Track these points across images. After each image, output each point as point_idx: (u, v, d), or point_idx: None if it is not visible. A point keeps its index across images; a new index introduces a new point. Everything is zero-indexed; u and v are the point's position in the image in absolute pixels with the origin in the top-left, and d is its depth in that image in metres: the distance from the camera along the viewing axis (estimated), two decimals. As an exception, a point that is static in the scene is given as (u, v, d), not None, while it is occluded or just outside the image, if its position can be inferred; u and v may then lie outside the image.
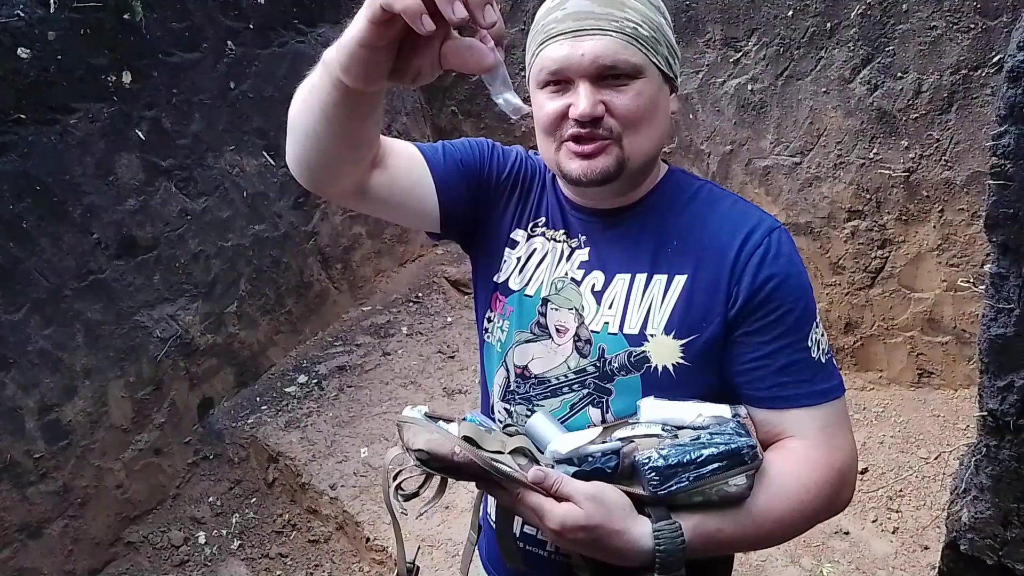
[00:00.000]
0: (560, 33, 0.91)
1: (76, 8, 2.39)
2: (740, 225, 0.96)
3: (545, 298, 1.04)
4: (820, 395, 0.94)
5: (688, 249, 0.97)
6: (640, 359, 0.97)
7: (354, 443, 2.96)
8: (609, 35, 0.90)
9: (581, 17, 0.90)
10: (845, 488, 0.95)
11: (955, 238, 2.79)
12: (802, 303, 0.94)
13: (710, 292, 0.95)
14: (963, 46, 2.57)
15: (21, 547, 2.39)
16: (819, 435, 0.93)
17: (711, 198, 1.02)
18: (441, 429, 0.89)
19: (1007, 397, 0.93)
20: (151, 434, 2.80)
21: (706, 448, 0.84)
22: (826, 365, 0.95)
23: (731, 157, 3.20)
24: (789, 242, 0.97)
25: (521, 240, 1.09)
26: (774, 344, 0.93)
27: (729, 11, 3.01)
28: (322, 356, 3.46)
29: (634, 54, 0.91)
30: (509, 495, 0.86)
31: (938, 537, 2.38)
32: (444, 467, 0.88)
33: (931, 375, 3.02)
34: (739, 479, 0.85)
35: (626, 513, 0.84)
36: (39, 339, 2.40)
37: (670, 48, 0.96)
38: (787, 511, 0.90)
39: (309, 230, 3.47)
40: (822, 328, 0.97)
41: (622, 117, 0.92)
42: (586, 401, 1.00)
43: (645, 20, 0.92)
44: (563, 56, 0.91)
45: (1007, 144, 0.87)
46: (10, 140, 2.27)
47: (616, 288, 1.00)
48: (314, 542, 2.79)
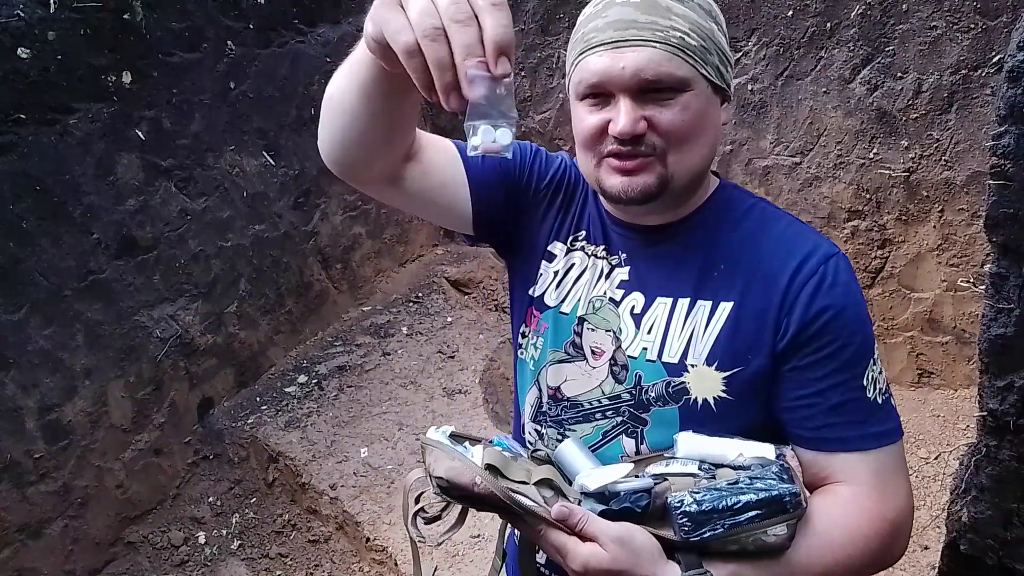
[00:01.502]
0: (600, 44, 0.84)
1: (76, 8, 2.39)
2: (794, 250, 0.89)
3: (582, 317, 0.98)
4: (873, 439, 0.86)
5: (736, 274, 0.90)
6: (679, 390, 0.90)
7: (354, 443, 2.96)
8: (653, 46, 0.83)
9: (623, 26, 0.83)
10: (898, 541, 0.88)
11: (955, 238, 2.79)
12: (859, 337, 0.86)
13: (758, 322, 0.88)
14: (963, 46, 2.57)
15: (21, 547, 2.39)
16: (871, 482, 0.86)
17: (764, 218, 0.94)
18: (463, 456, 0.84)
19: (1007, 397, 0.93)
20: (151, 434, 2.80)
21: (744, 494, 0.78)
22: (883, 406, 0.88)
23: (731, 157, 3.20)
24: (848, 270, 0.89)
25: (559, 253, 1.03)
26: (826, 381, 0.86)
27: (729, 11, 3.01)
28: (322, 356, 3.46)
29: (680, 66, 0.84)
30: (532, 530, 0.82)
31: (938, 537, 2.38)
32: (464, 497, 0.84)
33: (931, 375, 3.02)
34: (779, 528, 0.78)
35: (654, 558, 0.78)
36: (39, 339, 2.40)
37: (722, 56, 0.88)
38: (831, 565, 0.83)
39: (309, 230, 3.48)
40: (880, 365, 0.90)
41: (666, 134, 0.85)
42: (620, 430, 0.95)
43: (694, 28, 0.84)
44: (603, 69, 0.84)
45: (1007, 144, 0.87)
46: (10, 140, 2.27)
47: (657, 312, 0.94)
48: (314, 542, 2.79)
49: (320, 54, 3.39)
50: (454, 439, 0.89)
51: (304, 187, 3.39)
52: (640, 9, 0.84)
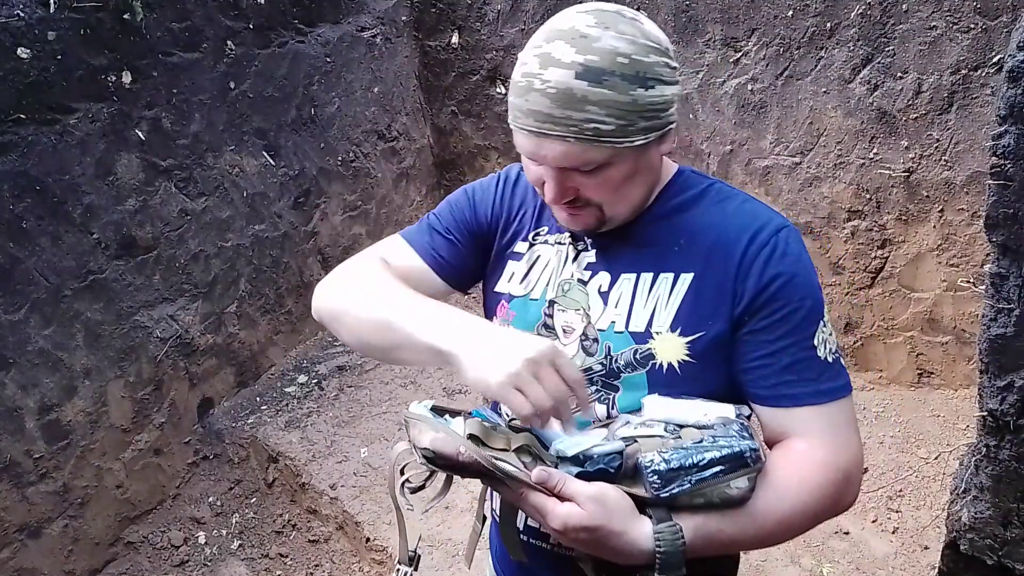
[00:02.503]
0: (524, 127, 0.91)
1: (76, 8, 2.39)
2: (748, 224, 0.96)
3: (551, 300, 1.06)
4: (825, 394, 0.94)
5: (695, 248, 0.98)
6: (646, 356, 0.97)
7: (354, 443, 2.96)
8: (568, 141, 0.88)
9: (541, 119, 0.88)
10: (850, 488, 0.95)
11: (955, 238, 2.79)
12: (809, 302, 0.94)
13: (716, 290, 0.95)
14: (963, 46, 2.57)
15: (21, 547, 2.39)
16: (824, 435, 0.93)
17: (720, 197, 1.02)
18: (447, 427, 0.90)
19: (1007, 397, 0.93)
20: (151, 434, 2.80)
21: (708, 451, 0.84)
22: (833, 364, 0.95)
23: (731, 157, 3.20)
24: (797, 241, 0.97)
25: (524, 250, 1.11)
26: (779, 343, 0.93)
27: (729, 11, 3.01)
28: (322, 356, 3.46)
29: (597, 152, 0.89)
30: (513, 493, 0.88)
31: (938, 537, 2.38)
32: (449, 465, 0.89)
33: (931, 375, 3.02)
34: (741, 482, 0.85)
35: (627, 514, 0.85)
36: (39, 339, 2.40)
37: (653, 112, 0.89)
38: (789, 512, 0.90)
39: (309, 230, 3.48)
40: (831, 327, 0.97)
41: (594, 197, 0.94)
42: (592, 399, 1.01)
43: (611, 112, 0.86)
44: (530, 150, 0.92)
45: (1007, 144, 0.87)
46: (10, 140, 2.27)
47: (622, 287, 1.01)
48: (314, 542, 2.79)
49: (320, 54, 3.39)
50: (435, 412, 0.94)
51: (304, 187, 3.39)
52: (555, 102, 0.86)
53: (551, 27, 0.90)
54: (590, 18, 0.88)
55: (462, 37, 3.82)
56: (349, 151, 3.63)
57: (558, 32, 0.88)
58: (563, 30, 0.88)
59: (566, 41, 0.87)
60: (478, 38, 3.76)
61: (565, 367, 0.87)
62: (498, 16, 3.66)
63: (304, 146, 3.37)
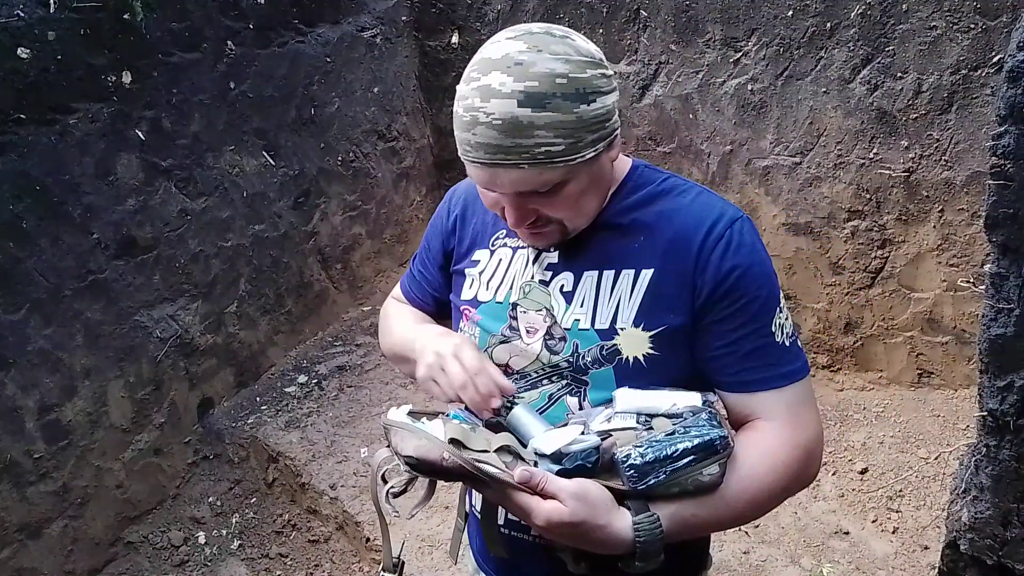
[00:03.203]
0: (476, 160, 0.93)
1: (76, 8, 2.39)
2: (703, 217, 0.99)
3: (514, 303, 1.08)
4: (785, 377, 0.98)
5: (654, 244, 1.00)
6: (612, 352, 1.00)
7: (354, 443, 2.96)
8: (522, 168, 0.90)
9: (491, 151, 0.90)
10: (812, 463, 1.00)
11: (955, 238, 2.79)
12: (765, 291, 0.98)
13: (676, 284, 0.98)
14: (963, 46, 2.57)
15: (21, 547, 2.39)
16: (785, 415, 0.98)
17: (675, 192, 1.04)
18: (428, 434, 0.92)
19: (1007, 397, 0.93)
20: (151, 434, 2.80)
21: (681, 442, 0.88)
22: (790, 348, 0.99)
23: (731, 157, 3.20)
24: (752, 231, 1.00)
25: (483, 258, 1.14)
26: (739, 332, 0.97)
27: (729, 11, 3.01)
28: (322, 356, 3.46)
29: (551, 173, 0.91)
30: (496, 494, 0.91)
31: (938, 537, 2.38)
32: (433, 471, 0.92)
33: (931, 375, 3.02)
34: (712, 468, 0.89)
35: (608, 508, 0.88)
36: (39, 339, 2.40)
37: (599, 123, 0.91)
38: (758, 492, 0.95)
39: (309, 230, 3.48)
40: (786, 312, 1.01)
41: (555, 215, 0.97)
42: (564, 391, 1.04)
43: (559, 132, 0.88)
44: (484, 180, 0.95)
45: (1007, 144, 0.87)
46: (10, 140, 2.27)
47: (585, 286, 1.03)
48: (314, 542, 2.79)
49: (320, 54, 3.39)
50: (413, 416, 0.96)
51: (304, 187, 3.39)
52: (503, 132, 0.88)
53: (483, 58, 0.92)
54: (521, 44, 0.89)
55: (462, 37, 3.82)
56: (349, 151, 3.63)
57: (492, 63, 0.89)
58: (496, 59, 0.89)
59: (502, 71, 0.88)
60: (478, 38, 3.76)
61: (466, 358, 0.98)
62: (498, 16, 3.66)
63: (304, 146, 3.37)
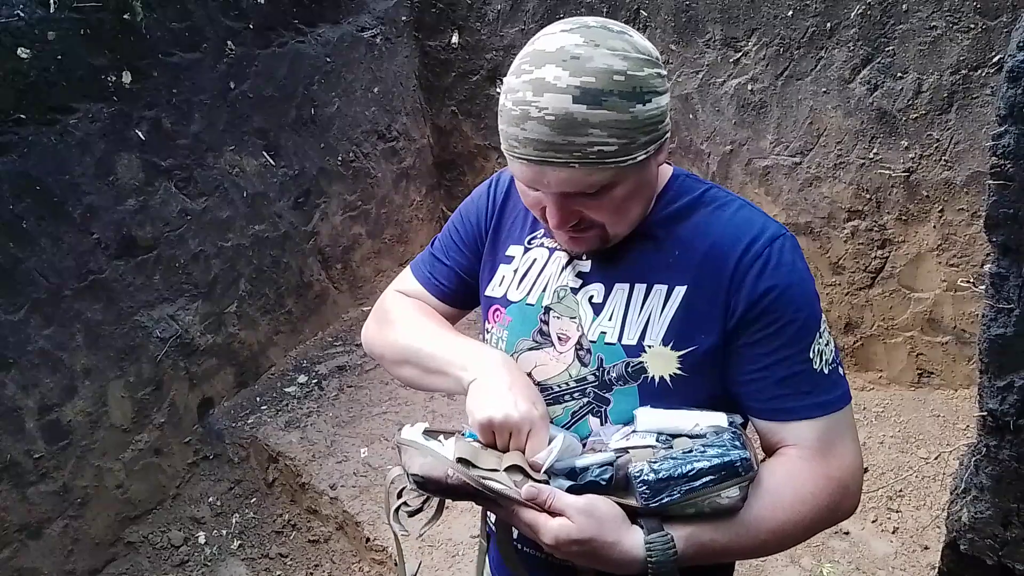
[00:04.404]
0: (524, 156, 0.87)
1: (76, 8, 2.39)
2: (742, 234, 0.94)
3: (547, 306, 1.04)
4: (820, 407, 0.93)
5: (689, 259, 0.96)
6: (637, 369, 0.96)
7: (354, 443, 2.96)
8: (572, 167, 0.85)
9: (542, 147, 0.85)
10: (847, 498, 0.94)
11: (955, 238, 2.79)
12: (803, 314, 0.92)
13: (709, 303, 0.94)
14: (963, 46, 2.57)
15: (21, 547, 2.39)
16: (816, 446, 0.92)
17: (715, 205, 0.99)
18: (435, 452, 0.91)
19: (1007, 397, 0.93)
20: (151, 434, 2.80)
21: (699, 461, 0.84)
22: (829, 376, 0.94)
23: (731, 157, 3.20)
24: (792, 250, 0.94)
25: (517, 255, 1.10)
26: (773, 356, 0.92)
27: (729, 11, 3.01)
28: (322, 356, 3.46)
29: (601, 175, 0.86)
30: (504, 511, 0.89)
31: (938, 537, 2.38)
32: (440, 489, 0.91)
33: (931, 375, 3.02)
34: (732, 491, 0.85)
35: (618, 525, 0.85)
36: (39, 339, 2.40)
37: (652, 124, 0.87)
38: (783, 521, 0.90)
39: (309, 230, 3.47)
40: (828, 336, 0.95)
41: (598, 219, 0.93)
42: (586, 409, 1.00)
43: (613, 132, 0.84)
44: (530, 178, 0.89)
45: (1007, 144, 0.87)
46: (10, 140, 2.27)
47: (616, 299, 0.99)
48: (314, 542, 2.79)
49: (320, 54, 3.39)
50: (428, 435, 0.95)
51: (304, 187, 3.39)
52: (556, 129, 0.83)
53: (536, 50, 0.86)
54: (577, 37, 0.84)
55: (462, 37, 3.82)
56: (349, 151, 3.63)
57: (546, 55, 0.84)
58: (551, 52, 0.84)
59: (557, 64, 0.83)
60: (478, 38, 3.76)
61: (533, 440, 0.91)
62: (498, 16, 3.66)
63: (304, 146, 3.37)
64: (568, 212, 0.91)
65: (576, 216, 0.92)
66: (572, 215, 0.92)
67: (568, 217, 0.92)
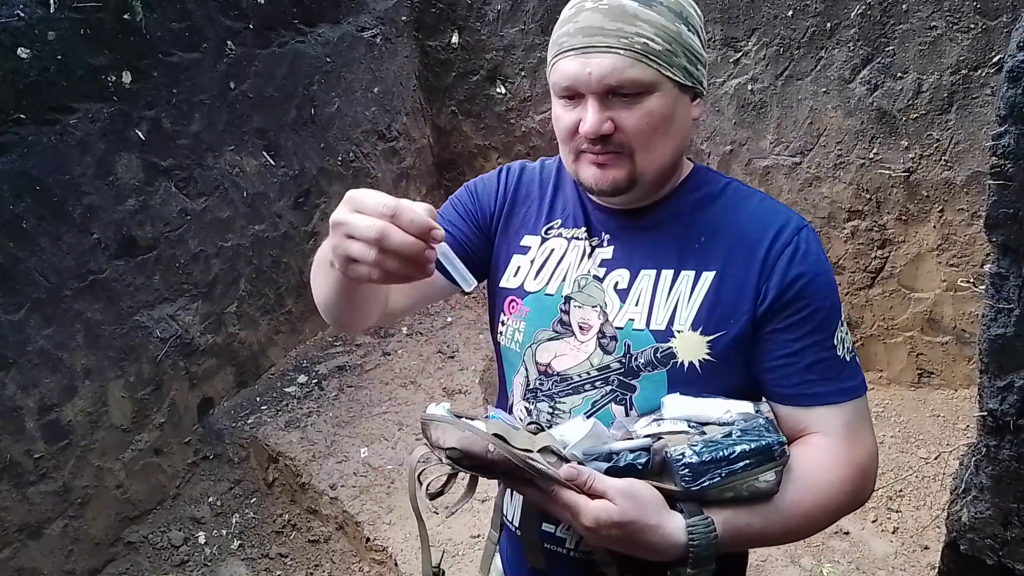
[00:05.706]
0: (571, 48, 0.91)
1: (76, 8, 2.39)
2: (769, 222, 0.97)
3: (568, 296, 1.04)
4: (844, 393, 0.95)
5: (716, 246, 0.98)
6: (667, 355, 0.96)
7: (354, 443, 2.96)
8: (617, 53, 0.88)
9: (591, 32, 0.89)
10: (868, 483, 0.97)
11: (955, 238, 2.79)
12: (829, 302, 0.95)
13: (739, 289, 0.95)
14: (963, 46, 2.57)
15: (21, 547, 2.39)
16: (842, 432, 0.94)
17: (738, 195, 1.02)
18: (472, 426, 0.89)
19: (1007, 397, 0.93)
20: (151, 434, 2.80)
21: (738, 445, 0.84)
22: (850, 363, 0.96)
23: (731, 157, 3.20)
24: (816, 241, 0.98)
25: (534, 245, 1.09)
26: (802, 342, 0.94)
27: (729, 11, 3.01)
28: (322, 356, 3.46)
29: (643, 71, 0.89)
30: (541, 492, 0.87)
31: (938, 537, 2.38)
32: (476, 465, 0.88)
33: (931, 375, 3.02)
34: (769, 475, 0.85)
35: (659, 508, 0.84)
36: (39, 339, 2.40)
37: (691, 56, 0.93)
38: (813, 506, 0.91)
39: (309, 230, 3.47)
40: (846, 327, 0.98)
41: (631, 134, 0.92)
42: (609, 398, 1.00)
43: (659, 32, 0.89)
44: (572, 73, 0.91)
45: (1007, 144, 0.87)
46: (10, 140, 2.27)
47: (642, 284, 1.00)
48: (314, 542, 2.79)
49: (320, 54, 3.39)
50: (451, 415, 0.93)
51: (304, 187, 3.39)
52: (607, 16, 0.89)
53: None
54: None
55: (462, 37, 3.82)
56: (349, 151, 3.63)
57: None
58: None
59: None
60: (478, 38, 3.76)
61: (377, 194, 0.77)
62: (498, 16, 3.66)
63: (304, 146, 3.37)
64: (603, 116, 0.91)
65: (610, 125, 0.92)
66: (606, 121, 0.91)
67: (602, 120, 0.91)
